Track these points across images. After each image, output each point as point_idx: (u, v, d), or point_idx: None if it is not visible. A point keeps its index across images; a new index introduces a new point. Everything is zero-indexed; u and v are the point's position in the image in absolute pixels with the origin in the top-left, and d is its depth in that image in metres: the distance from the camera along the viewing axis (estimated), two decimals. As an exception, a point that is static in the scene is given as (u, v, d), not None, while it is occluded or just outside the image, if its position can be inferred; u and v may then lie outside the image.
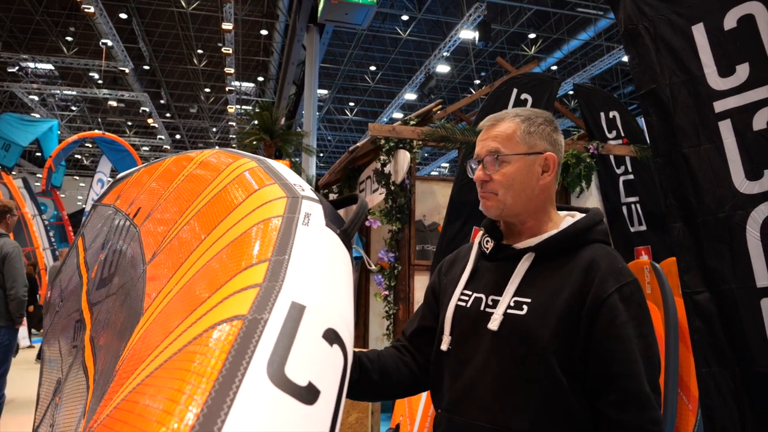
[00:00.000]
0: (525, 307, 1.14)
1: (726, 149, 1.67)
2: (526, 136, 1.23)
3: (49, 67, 22.57)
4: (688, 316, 1.76)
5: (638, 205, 5.13)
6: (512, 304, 1.16)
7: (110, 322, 1.10)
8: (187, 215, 1.02)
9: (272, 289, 0.60)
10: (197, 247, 0.85)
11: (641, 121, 5.83)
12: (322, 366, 0.57)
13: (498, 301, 1.19)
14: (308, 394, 0.52)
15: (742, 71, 1.64)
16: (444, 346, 1.25)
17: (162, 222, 1.13)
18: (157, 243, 1.07)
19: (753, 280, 1.60)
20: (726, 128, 1.68)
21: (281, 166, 0.99)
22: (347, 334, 0.64)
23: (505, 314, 1.16)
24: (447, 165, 33.33)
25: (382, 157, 4.57)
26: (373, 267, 4.34)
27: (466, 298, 1.26)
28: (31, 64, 22.29)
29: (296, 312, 0.58)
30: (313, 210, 0.81)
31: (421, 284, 4.58)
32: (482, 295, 1.23)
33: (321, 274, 0.68)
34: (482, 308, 1.21)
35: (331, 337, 0.60)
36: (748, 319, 1.60)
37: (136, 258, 1.13)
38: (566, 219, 1.26)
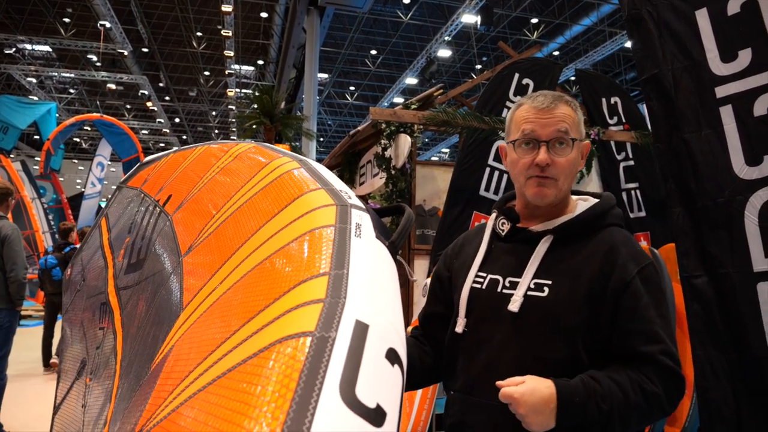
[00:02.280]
0: (546, 288, 1.16)
1: (726, 135, 1.68)
2: (580, 123, 1.24)
3: (47, 48, 22.39)
4: (686, 300, 1.78)
5: (638, 192, 5.14)
6: (532, 285, 1.17)
7: (141, 310, 1.10)
8: (226, 210, 1.00)
9: (336, 305, 0.59)
10: (241, 248, 0.84)
11: (643, 108, 5.81)
12: (387, 387, 0.56)
13: (516, 282, 1.20)
14: (377, 417, 0.52)
15: (745, 57, 1.64)
16: (459, 329, 1.25)
17: (197, 214, 1.11)
18: (192, 236, 1.05)
19: (750, 265, 1.61)
20: (727, 114, 1.68)
21: (324, 169, 0.96)
22: (403, 353, 0.64)
23: (526, 296, 1.17)
24: (447, 150, 33.24)
25: (382, 142, 4.56)
26: (416, 278, 4.31)
27: (481, 280, 1.26)
28: (29, 46, 22.10)
29: (361, 331, 0.58)
30: (362, 220, 0.79)
31: (421, 268, 4.60)
32: (498, 277, 1.24)
33: (379, 291, 0.67)
34: (499, 290, 1.22)
35: (392, 357, 0.60)
36: (745, 303, 1.62)
37: (169, 248, 1.12)
38: (579, 203, 1.28)
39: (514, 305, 1.17)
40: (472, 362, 1.22)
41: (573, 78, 19.83)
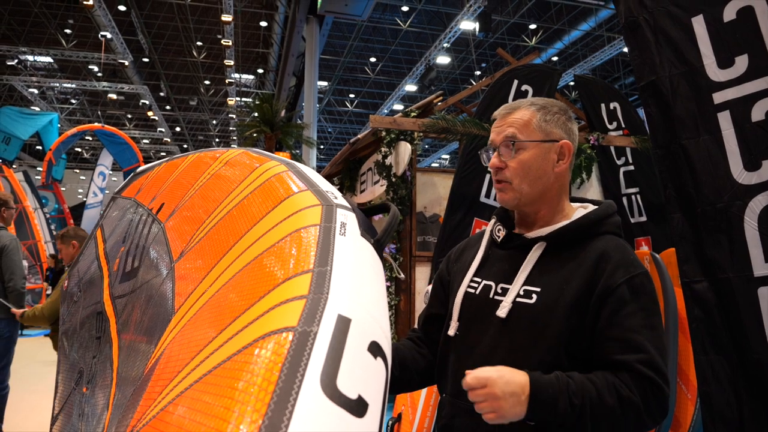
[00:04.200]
0: (534, 296, 1.16)
1: (725, 140, 1.69)
2: (543, 123, 1.25)
3: (48, 60, 22.51)
4: (687, 305, 1.78)
5: (638, 196, 5.15)
6: (522, 292, 1.18)
7: (136, 318, 1.11)
8: (216, 215, 1.01)
9: (318, 301, 0.61)
10: (230, 250, 0.85)
11: (642, 112, 5.83)
12: (369, 379, 0.58)
13: (507, 289, 1.20)
14: (358, 407, 0.53)
15: (741, 63, 1.66)
16: (451, 331, 1.27)
17: (188, 220, 1.13)
18: (184, 241, 1.06)
19: (750, 270, 1.62)
20: (725, 119, 1.69)
21: (311, 171, 0.98)
22: (387, 347, 0.65)
23: (515, 302, 1.17)
24: (448, 157, 33.28)
25: (383, 149, 4.58)
26: (402, 276, 4.40)
27: (476, 285, 1.28)
28: (30, 57, 22.22)
29: (343, 325, 0.59)
30: (348, 219, 0.81)
31: (422, 275, 4.61)
32: (491, 283, 1.25)
33: (362, 286, 0.69)
34: (491, 295, 1.23)
35: (375, 350, 0.61)
36: (746, 308, 1.62)
37: (161, 255, 1.13)
38: (578, 210, 1.27)
39: (502, 311, 1.18)
40: (461, 366, 1.22)
41: (572, 83, 19.91)
